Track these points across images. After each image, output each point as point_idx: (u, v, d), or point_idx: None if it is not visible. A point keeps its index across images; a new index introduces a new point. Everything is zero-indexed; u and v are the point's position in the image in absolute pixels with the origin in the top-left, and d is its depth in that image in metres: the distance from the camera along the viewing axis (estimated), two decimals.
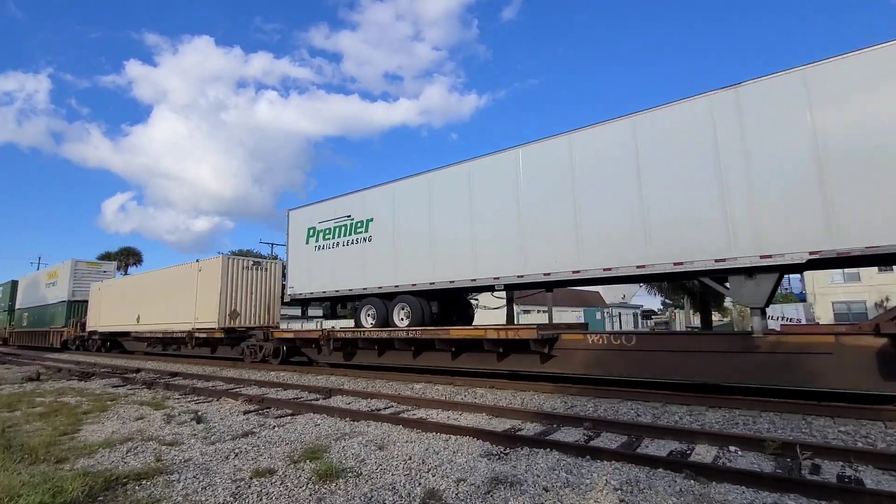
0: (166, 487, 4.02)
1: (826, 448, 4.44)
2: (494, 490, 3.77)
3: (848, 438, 5.03)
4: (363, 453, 4.86)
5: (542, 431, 5.60)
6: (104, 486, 3.99)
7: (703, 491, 3.66)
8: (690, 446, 4.83)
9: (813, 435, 5.20)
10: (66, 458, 4.87)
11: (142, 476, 4.24)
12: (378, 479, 4.09)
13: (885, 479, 3.86)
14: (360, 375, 11.20)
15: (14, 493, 3.68)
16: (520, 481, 3.93)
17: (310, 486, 3.96)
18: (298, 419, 6.60)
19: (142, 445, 5.35)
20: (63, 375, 13.03)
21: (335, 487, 3.93)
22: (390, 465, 4.47)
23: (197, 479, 4.19)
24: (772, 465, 4.26)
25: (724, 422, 5.90)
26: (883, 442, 4.87)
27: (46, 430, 6.10)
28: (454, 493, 3.76)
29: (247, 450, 5.08)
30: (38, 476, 4.18)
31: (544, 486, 3.82)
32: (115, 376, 12.52)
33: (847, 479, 3.82)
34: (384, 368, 11.33)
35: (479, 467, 4.32)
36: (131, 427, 6.33)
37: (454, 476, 4.11)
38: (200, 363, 16.11)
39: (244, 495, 3.82)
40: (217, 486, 4.02)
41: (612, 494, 3.62)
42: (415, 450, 4.91)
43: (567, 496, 3.63)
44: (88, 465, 4.66)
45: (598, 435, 5.37)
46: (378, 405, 7.52)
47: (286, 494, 3.82)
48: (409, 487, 3.89)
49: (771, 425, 5.62)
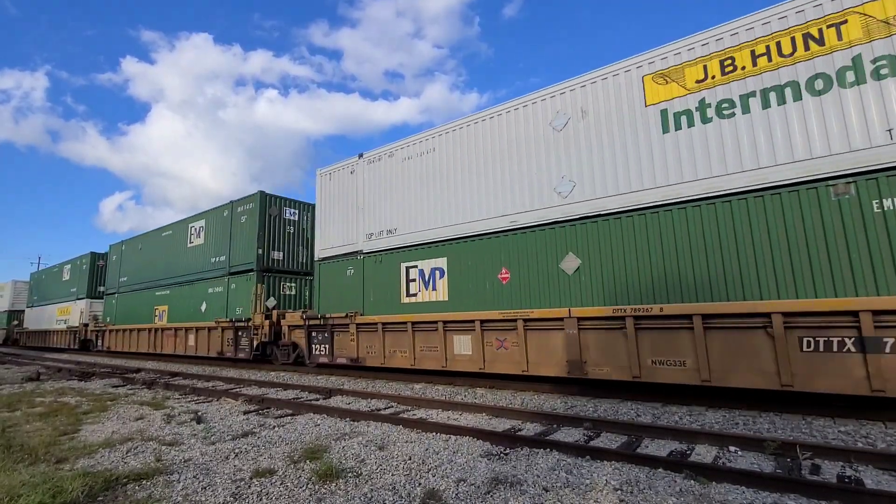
0: (166, 487, 4.02)
1: (826, 448, 4.44)
2: (494, 490, 3.77)
3: (848, 438, 5.03)
4: (363, 453, 4.86)
5: (543, 431, 5.60)
6: (104, 487, 3.99)
7: (703, 491, 3.66)
8: (690, 446, 4.83)
9: (813, 435, 5.20)
10: (66, 458, 4.88)
11: (142, 476, 4.24)
12: (378, 480, 4.09)
13: (885, 479, 3.85)
14: (360, 375, 11.20)
15: (14, 493, 3.68)
16: (520, 481, 3.93)
17: (310, 487, 3.96)
18: (298, 419, 6.60)
19: (142, 445, 5.35)
20: (63, 375, 13.04)
21: (335, 487, 3.93)
22: (390, 465, 4.47)
23: (197, 480, 4.19)
24: (772, 465, 4.26)
25: (724, 422, 5.90)
26: (883, 442, 4.86)
27: (46, 430, 6.11)
28: (454, 493, 3.76)
29: (247, 450, 5.08)
30: (38, 476, 4.19)
31: (544, 487, 3.82)
32: (115, 376, 12.52)
33: (847, 479, 3.82)
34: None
35: (479, 467, 4.32)
36: (131, 427, 6.33)
37: (454, 476, 4.11)
38: (200, 363, 16.13)
39: (244, 495, 3.82)
40: (217, 487, 4.02)
41: (612, 494, 3.62)
42: (415, 450, 4.91)
43: (567, 496, 3.63)
44: (88, 465, 4.66)
45: (598, 435, 5.37)
46: (378, 405, 7.52)
47: (286, 494, 3.82)
48: (409, 487, 3.89)
49: (771, 425, 5.62)
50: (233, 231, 15.61)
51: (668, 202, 7.12)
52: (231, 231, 15.65)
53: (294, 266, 15.52)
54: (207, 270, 16.38)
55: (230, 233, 15.66)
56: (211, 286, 16.00)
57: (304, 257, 15.78)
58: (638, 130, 7.53)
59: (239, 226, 15.35)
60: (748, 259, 6.37)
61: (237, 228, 15.45)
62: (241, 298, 14.61)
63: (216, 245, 16.31)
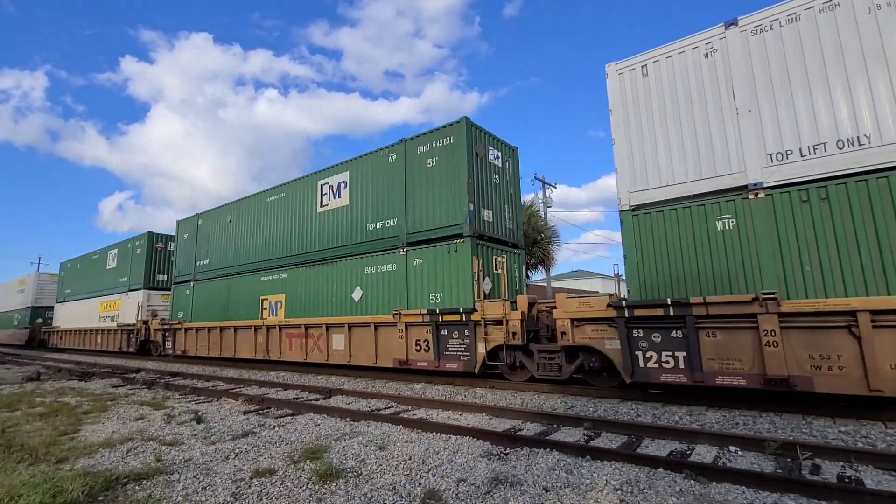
0: (166, 487, 4.02)
1: (826, 448, 4.44)
2: (494, 490, 3.77)
3: (848, 438, 5.03)
4: (363, 453, 4.86)
5: (542, 431, 5.60)
6: (104, 486, 3.99)
7: (704, 491, 3.66)
8: (691, 446, 4.83)
9: (813, 435, 5.20)
10: (66, 458, 4.88)
11: (142, 476, 4.24)
12: (378, 480, 4.09)
13: (885, 479, 3.85)
14: (359, 376, 11.20)
15: (14, 493, 3.68)
16: (520, 481, 3.93)
17: (310, 487, 3.96)
18: (298, 419, 6.60)
19: (142, 445, 5.35)
20: (63, 375, 13.04)
21: (335, 487, 3.93)
22: (390, 465, 4.47)
23: (197, 480, 4.19)
24: (772, 465, 4.26)
25: (724, 422, 5.90)
26: (883, 442, 4.87)
27: (46, 430, 6.11)
28: (454, 493, 3.76)
29: (247, 450, 5.08)
30: (38, 476, 4.19)
31: (544, 487, 3.82)
32: (115, 376, 12.52)
33: (847, 479, 3.82)
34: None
35: (480, 467, 4.32)
36: (131, 427, 6.33)
37: (454, 476, 4.11)
38: (200, 363, 16.11)
39: (244, 495, 3.82)
40: (217, 487, 4.02)
41: (612, 494, 3.62)
42: (415, 450, 4.91)
43: (567, 496, 3.63)
44: (88, 465, 4.66)
45: (598, 435, 5.37)
46: (378, 405, 7.52)
47: (286, 494, 3.82)
48: (409, 487, 3.89)
49: (771, 425, 5.62)
50: (411, 181, 10.72)
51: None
52: (407, 182, 10.81)
53: (502, 233, 10.74)
54: (362, 243, 11.55)
55: (405, 184, 10.82)
56: (371, 264, 11.25)
57: (510, 221, 11.10)
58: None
59: (425, 172, 10.50)
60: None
61: (422, 176, 10.53)
62: (435, 278, 9.93)
63: (376, 204, 11.45)
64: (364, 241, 11.54)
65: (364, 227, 11.63)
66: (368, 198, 11.71)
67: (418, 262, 10.29)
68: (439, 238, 10.04)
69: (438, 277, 9.92)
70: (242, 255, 15.21)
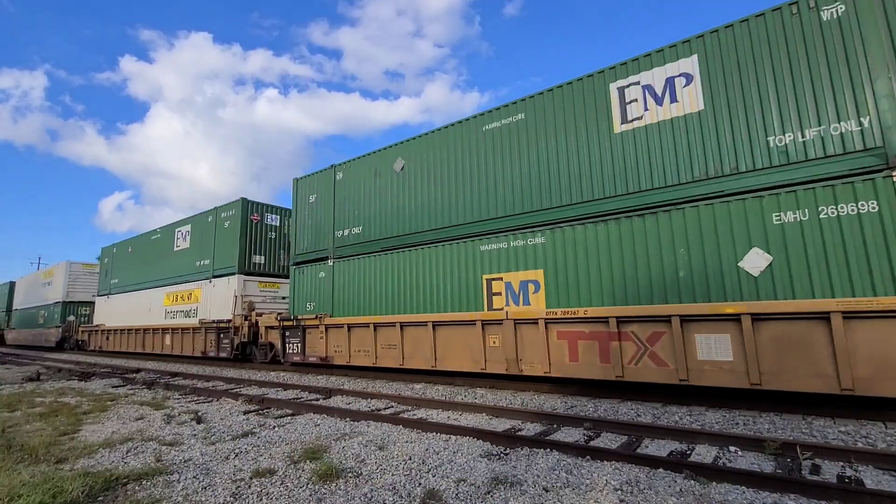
0: (166, 487, 4.02)
1: (826, 448, 4.44)
2: (494, 490, 3.77)
3: (848, 438, 5.03)
4: (363, 453, 4.86)
5: (542, 431, 5.60)
6: (104, 487, 3.99)
7: (704, 491, 3.66)
8: (690, 446, 4.83)
9: (813, 435, 5.20)
10: (66, 459, 4.88)
11: (142, 476, 4.24)
12: (378, 480, 4.09)
13: (885, 479, 3.85)
14: (360, 375, 11.19)
15: (14, 493, 3.68)
16: (520, 481, 3.93)
17: (310, 487, 3.96)
18: (298, 419, 6.60)
19: (142, 445, 5.35)
20: (63, 375, 13.04)
21: (335, 488, 3.93)
22: (390, 465, 4.47)
23: (197, 480, 4.19)
24: (772, 466, 4.26)
25: (724, 422, 5.90)
26: (883, 442, 4.87)
27: (46, 431, 6.11)
28: (454, 493, 3.76)
29: (247, 450, 5.08)
30: (38, 476, 4.19)
31: (544, 487, 3.82)
32: (115, 376, 12.53)
33: (847, 480, 3.82)
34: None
35: (480, 467, 4.32)
36: (131, 427, 6.33)
37: (454, 476, 4.11)
38: (200, 363, 16.10)
39: (244, 495, 3.82)
40: (217, 487, 4.02)
41: (612, 494, 3.62)
42: (415, 450, 4.91)
43: (567, 496, 3.63)
44: (88, 466, 4.66)
45: (598, 435, 5.37)
46: (378, 405, 7.52)
47: (286, 495, 3.82)
48: (409, 487, 3.89)
49: (771, 425, 5.62)
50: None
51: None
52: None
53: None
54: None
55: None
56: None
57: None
58: None
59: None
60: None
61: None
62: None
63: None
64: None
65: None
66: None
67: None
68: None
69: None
70: (432, 215, 10.18)
